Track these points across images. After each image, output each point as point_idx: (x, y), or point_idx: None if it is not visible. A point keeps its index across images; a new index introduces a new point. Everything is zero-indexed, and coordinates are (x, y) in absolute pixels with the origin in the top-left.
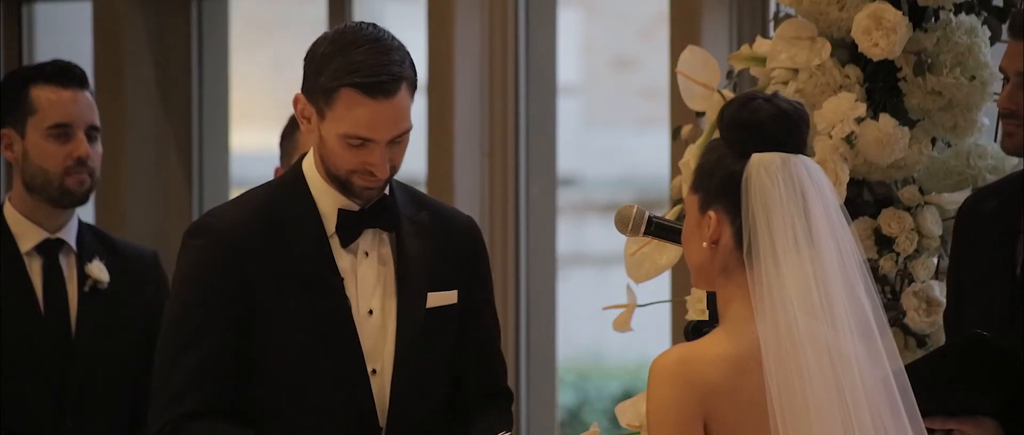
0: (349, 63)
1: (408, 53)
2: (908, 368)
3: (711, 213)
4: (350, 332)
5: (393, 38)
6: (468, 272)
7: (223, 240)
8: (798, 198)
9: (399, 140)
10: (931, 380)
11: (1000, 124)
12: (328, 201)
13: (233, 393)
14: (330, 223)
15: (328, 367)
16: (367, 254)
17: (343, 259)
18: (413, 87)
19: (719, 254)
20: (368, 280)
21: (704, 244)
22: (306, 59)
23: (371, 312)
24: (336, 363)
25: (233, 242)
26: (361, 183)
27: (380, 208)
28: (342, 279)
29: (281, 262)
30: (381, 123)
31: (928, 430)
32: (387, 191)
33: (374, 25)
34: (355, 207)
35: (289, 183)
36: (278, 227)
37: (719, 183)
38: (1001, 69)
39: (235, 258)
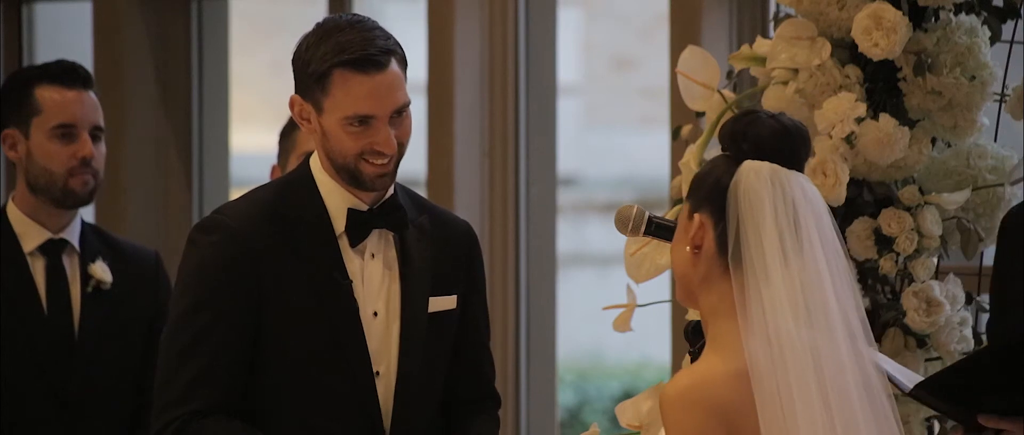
0: (336, 45)
1: (391, 34)
2: (958, 365)
3: (696, 217)
4: (358, 333)
5: (373, 21)
6: (466, 278)
7: (234, 238)
8: (789, 207)
9: (400, 114)
10: (983, 379)
11: None
12: (337, 201)
13: (239, 392)
14: (339, 223)
15: (336, 368)
16: (373, 256)
17: (351, 260)
18: (403, 63)
19: (701, 260)
20: (374, 282)
21: (686, 248)
22: (294, 60)
23: (376, 314)
24: (343, 364)
25: (244, 240)
26: (370, 170)
27: (388, 208)
28: (351, 281)
29: (291, 261)
30: (378, 96)
31: (979, 429)
32: (391, 191)
33: (352, 13)
34: (364, 207)
35: (297, 182)
36: (288, 226)
37: (708, 188)
38: None
39: (246, 256)
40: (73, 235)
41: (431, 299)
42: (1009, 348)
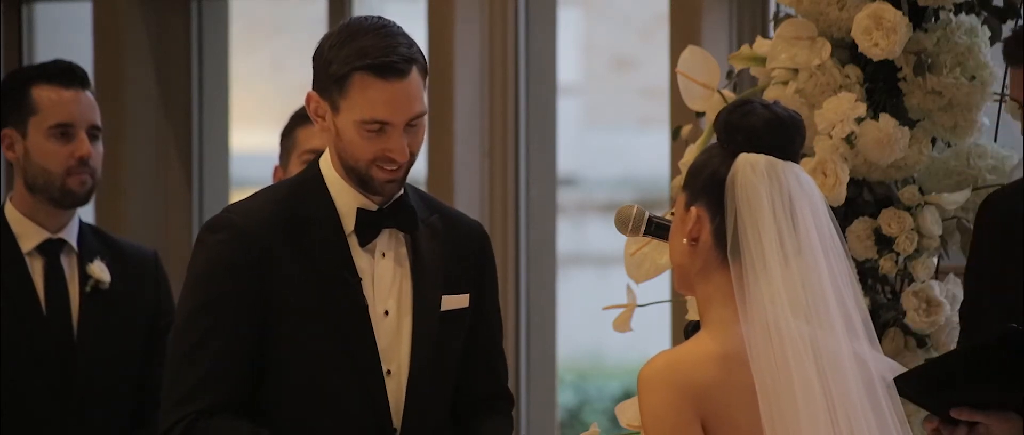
0: (359, 48)
1: (414, 41)
2: (938, 360)
3: (693, 209)
4: (367, 332)
5: (398, 26)
6: (478, 277)
7: (243, 236)
8: (785, 200)
9: (415, 123)
10: (961, 373)
11: None
12: (346, 200)
13: (248, 391)
14: (349, 222)
15: (344, 366)
16: (384, 255)
17: (361, 259)
18: (424, 72)
19: (699, 252)
20: (385, 280)
21: (684, 240)
22: (315, 56)
23: (387, 313)
24: (352, 363)
25: (253, 239)
26: (381, 175)
27: (398, 208)
28: (360, 279)
29: (300, 260)
30: (396, 104)
31: (954, 422)
32: (401, 191)
33: (378, 16)
34: (373, 206)
35: (307, 182)
36: (297, 225)
37: (705, 181)
38: (1012, 98)
39: (255, 255)
40: (71, 235)
41: (443, 297)
42: (985, 346)
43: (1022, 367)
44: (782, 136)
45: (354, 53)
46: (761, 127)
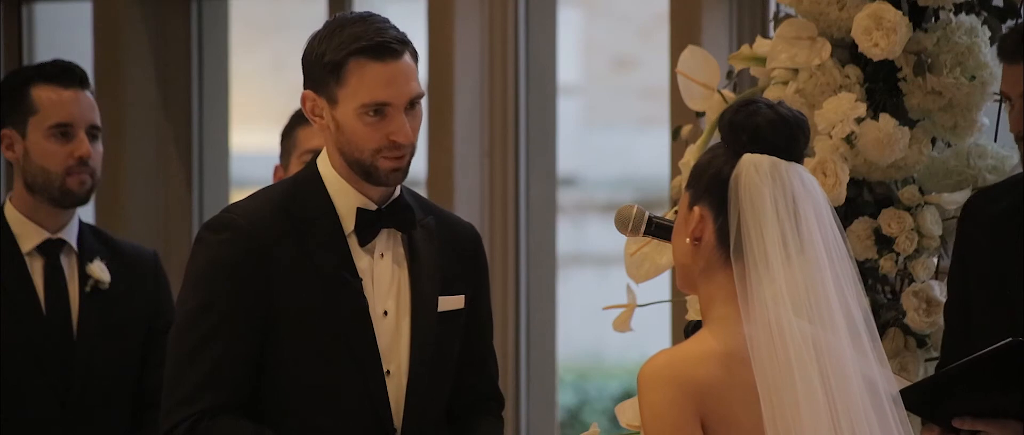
0: (351, 35)
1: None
2: (940, 374)
3: (696, 209)
4: (367, 332)
5: (384, 16)
6: (472, 279)
7: (245, 236)
8: (788, 201)
9: (415, 105)
10: (963, 384)
11: (1020, 148)
12: (346, 200)
13: (248, 391)
14: (348, 222)
15: (345, 367)
16: (383, 255)
17: (361, 259)
18: (415, 57)
19: (701, 252)
20: (384, 281)
21: (687, 240)
22: (304, 56)
23: (386, 313)
24: (353, 363)
25: (254, 239)
26: (386, 165)
27: (396, 208)
28: (360, 279)
29: (301, 260)
30: (395, 83)
31: (955, 430)
32: (398, 191)
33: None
34: (373, 206)
35: (306, 182)
36: (298, 225)
37: (708, 181)
38: (1003, 93)
39: (256, 255)
40: (71, 235)
41: (440, 298)
42: (987, 358)
43: (1021, 376)
44: (786, 136)
45: (347, 40)
46: (765, 127)
